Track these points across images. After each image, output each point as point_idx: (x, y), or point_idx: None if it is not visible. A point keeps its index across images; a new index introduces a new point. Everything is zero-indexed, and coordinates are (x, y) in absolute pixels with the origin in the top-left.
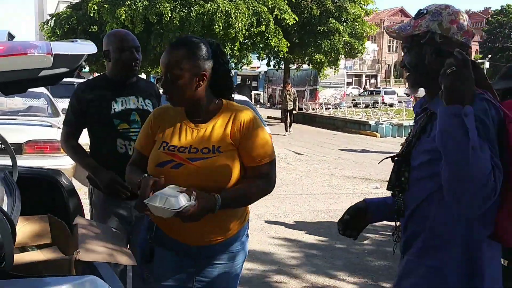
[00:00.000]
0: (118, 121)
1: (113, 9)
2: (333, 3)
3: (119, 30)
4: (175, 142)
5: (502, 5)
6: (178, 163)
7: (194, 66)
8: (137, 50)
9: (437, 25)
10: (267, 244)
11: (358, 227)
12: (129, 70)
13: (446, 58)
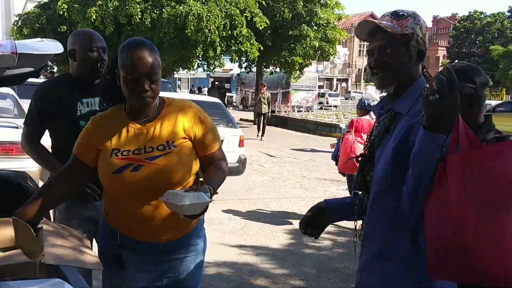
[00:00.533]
0: (84, 122)
1: (83, 9)
2: (304, 7)
3: (86, 29)
4: (127, 146)
5: (470, 11)
6: (137, 165)
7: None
8: (104, 51)
9: (419, 29)
10: (239, 246)
11: (320, 226)
12: (95, 71)
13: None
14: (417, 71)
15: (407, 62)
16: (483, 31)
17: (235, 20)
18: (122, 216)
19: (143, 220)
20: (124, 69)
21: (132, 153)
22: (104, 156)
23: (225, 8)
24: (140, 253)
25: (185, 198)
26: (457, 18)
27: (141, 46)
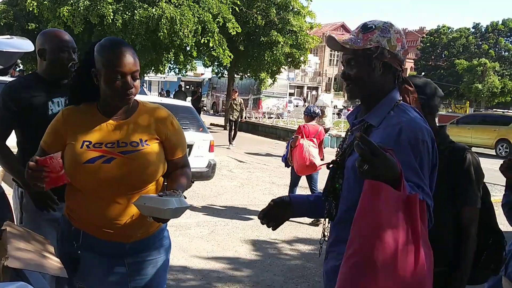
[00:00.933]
0: None
1: (53, 6)
2: (277, 14)
3: (57, 29)
4: (99, 139)
5: (438, 25)
6: (110, 157)
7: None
8: (74, 51)
9: (386, 41)
10: (206, 251)
11: (279, 219)
12: (65, 71)
13: (391, 73)
14: (386, 83)
15: (371, 75)
16: (448, 46)
17: (207, 26)
18: (88, 214)
19: (111, 218)
20: (108, 68)
21: (105, 146)
22: (73, 147)
23: (198, 13)
24: (105, 255)
25: (169, 202)
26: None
27: (123, 45)
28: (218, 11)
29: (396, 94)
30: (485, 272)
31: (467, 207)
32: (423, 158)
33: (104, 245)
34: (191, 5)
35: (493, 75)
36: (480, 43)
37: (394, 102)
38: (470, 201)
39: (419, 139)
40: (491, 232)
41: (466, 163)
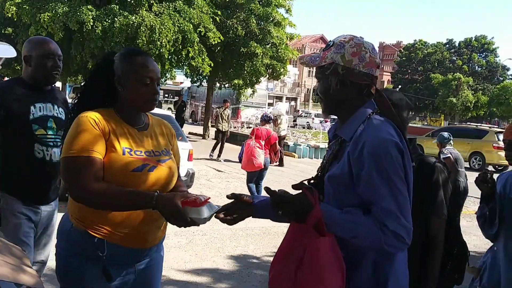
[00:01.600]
0: (37, 126)
1: (33, 11)
2: (257, 25)
3: (44, 37)
4: (136, 147)
5: (415, 40)
6: (152, 166)
7: None
8: (60, 59)
9: (340, 57)
10: (184, 261)
11: (238, 216)
12: (50, 77)
13: (353, 88)
14: (350, 98)
15: (330, 92)
16: (424, 61)
17: (188, 36)
18: (115, 222)
19: (141, 223)
20: (138, 73)
21: (145, 154)
22: (117, 154)
23: (179, 22)
24: (121, 264)
25: (203, 211)
26: (402, 45)
27: (147, 54)
28: (199, 20)
29: (369, 107)
30: (449, 281)
31: (435, 218)
32: (389, 171)
33: (125, 253)
34: (171, 14)
35: (467, 89)
36: (454, 59)
37: (365, 116)
38: (438, 212)
39: (381, 153)
40: (456, 243)
41: (434, 175)
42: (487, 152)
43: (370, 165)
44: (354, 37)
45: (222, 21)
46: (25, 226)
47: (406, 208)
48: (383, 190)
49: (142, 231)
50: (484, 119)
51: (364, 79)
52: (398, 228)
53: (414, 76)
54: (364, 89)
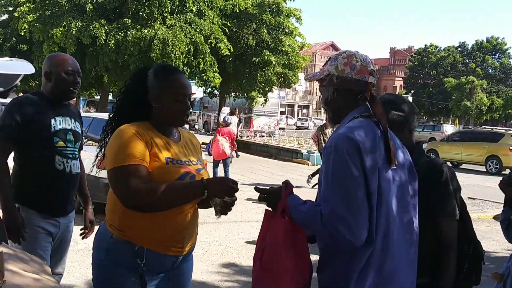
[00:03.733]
0: (57, 139)
1: (45, 28)
2: (269, 35)
3: (64, 54)
4: (176, 157)
5: (426, 44)
6: (192, 174)
7: None
8: (79, 75)
9: (334, 68)
10: (201, 272)
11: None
12: (70, 93)
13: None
14: (345, 105)
15: (329, 100)
16: (436, 65)
17: (199, 47)
18: (154, 230)
19: (178, 230)
20: (173, 90)
21: (185, 163)
22: (160, 164)
23: (190, 34)
24: (160, 271)
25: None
26: (413, 50)
27: (179, 71)
28: (210, 32)
29: (356, 111)
30: (467, 283)
31: (446, 219)
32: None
33: (163, 260)
34: (183, 26)
35: (481, 92)
36: (467, 62)
37: (349, 119)
38: (448, 213)
39: (332, 147)
40: (470, 243)
41: (443, 176)
42: (503, 155)
43: (324, 159)
44: (347, 51)
45: (233, 31)
46: (43, 240)
47: (348, 202)
48: (327, 183)
49: (181, 237)
50: (499, 122)
51: (357, 85)
52: (335, 222)
53: (427, 81)
54: (358, 95)
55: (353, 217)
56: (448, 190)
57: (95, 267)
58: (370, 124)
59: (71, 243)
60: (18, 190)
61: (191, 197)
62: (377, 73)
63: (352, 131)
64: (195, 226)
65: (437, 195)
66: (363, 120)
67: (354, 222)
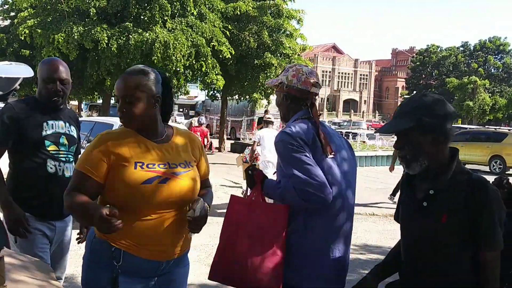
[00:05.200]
0: (49, 142)
1: (46, 33)
2: (270, 37)
3: (52, 60)
4: (150, 160)
5: (428, 45)
6: (165, 178)
7: (151, 89)
8: (63, 83)
9: (285, 78)
10: (205, 276)
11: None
12: (51, 102)
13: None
14: (292, 108)
15: (279, 103)
16: (438, 65)
17: (201, 50)
18: (133, 234)
19: (157, 237)
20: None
21: (158, 167)
22: (127, 169)
23: (191, 37)
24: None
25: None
26: (415, 51)
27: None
28: (212, 34)
29: (299, 114)
30: None
31: (491, 252)
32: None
33: (143, 264)
34: (184, 29)
35: (484, 92)
36: (469, 62)
37: (293, 120)
38: (494, 245)
39: (278, 141)
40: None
41: (488, 200)
42: (507, 155)
43: (277, 151)
44: (297, 65)
45: (234, 34)
46: (40, 241)
47: (304, 170)
48: (284, 166)
49: (160, 242)
50: (502, 121)
51: (300, 93)
52: (303, 187)
53: (429, 81)
54: (302, 102)
55: (313, 178)
56: (494, 218)
57: (82, 267)
58: (307, 124)
59: (74, 247)
60: (13, 194)
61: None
62: (320, 84)
63: (291, 129)
64: (180, 232)
65: (481, 223)
66: (302, 121)
67: (316, 181)
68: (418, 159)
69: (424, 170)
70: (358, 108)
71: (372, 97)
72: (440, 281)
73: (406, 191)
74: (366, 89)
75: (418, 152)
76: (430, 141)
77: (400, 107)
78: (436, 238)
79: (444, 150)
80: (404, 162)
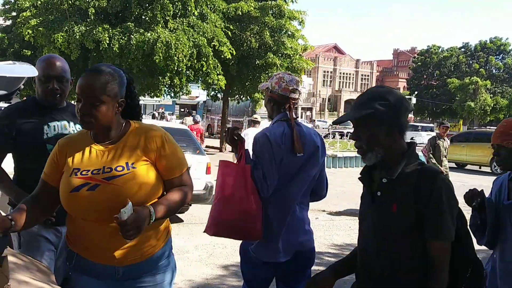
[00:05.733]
0: (51, 146)
1: (48, 33)
2: (271, 37)
3: (49, 57)
4: (86, 166)
5: (429, 45)
6: (94, 184)
7: (115, 92)
8: (60, 80)
9: (270, 84)
10: (206, 276)
11: None
12: (50, 99)
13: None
14: (275, 110)
15: (266, 105)
16: (440, 65)
17: (202, 50)
18: (82, 238)
19: (101, 242)
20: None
21: (91, 173)
22: (64, 176)
23: (193, 37)
24: (101, 278)
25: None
26: (416, 51)
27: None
28: (213, 35)
29: (279, 116)
30: None
31: (438, 241)
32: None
33: (98, 268)
34: (186, 29)
35: (485, 93)
36: (470, 62)
37: (274, 122)
38: (441, 234)
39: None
40: (469, 262)
41: (437, 190)
42: None
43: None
44: (282, 73)
45: (236, 34)
46: (45, 248)
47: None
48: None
49: (102, 247)
50: None
51: (281, 98)
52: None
53: (430, 82)
54: (282, 105)
55: (264, 177)
56: (441, 206)
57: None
58: (283, 125)
59: None
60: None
61: None
62: (300, 91)
63: (269, 130)
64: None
65: (429, 214)
66: (280, 123)
67: (265, 180)
68: (374, 149)
69: (380, 161)
70: None
71: None
72: (390, 273)
73: (365, 184)
74: None
75: (373, 143)
76: (385, 132)
77: (357, 98)
78: (388, 227)
79: (400, 142)
80: (361, 153)
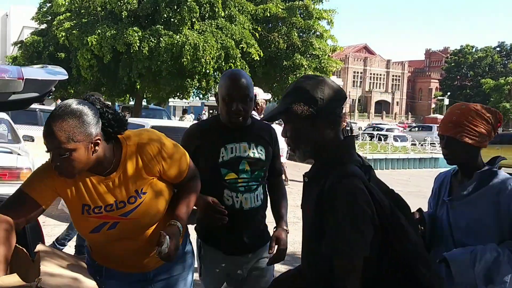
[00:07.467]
0: (226, 170)
1: (81, 36)
2: (299, 38)
3: (232, 73)
4: (96, 202)
5: (462, 45)
6: (113, 223)
7: (86, 134)
8: (244, 101)
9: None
10: None
11: None
12: (233, 122)
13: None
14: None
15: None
16: (474, 66)
17: (230, 52)
18: (109, 256)
19: (131, 258)
20: None
21: (105, 210)
22: (76, 212)
23: (221, 39)
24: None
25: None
26: (449, 51)
27: None
28: (241, 36)
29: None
30: None
31: (335, 259)
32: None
33: (128, 276)
34: (214, 31)
35: None
36: (506, 62)
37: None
38: (335, 252)
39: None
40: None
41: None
42: None
43: None
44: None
45: (263, 35)
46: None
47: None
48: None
49: (132, 261)
50: None
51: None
52: None
53: (464, 82)
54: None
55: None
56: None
57: None
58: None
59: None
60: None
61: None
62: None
63: None
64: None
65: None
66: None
67: None
68: (300, 146)
69: (313, 158)
70: (390, 110)
71: (405, 98)
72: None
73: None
74: (398, 90)
75: (298, 139)
76: (309, 126)
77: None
78: (304, 231)
79: (332, 136)
80: (291, 151)
